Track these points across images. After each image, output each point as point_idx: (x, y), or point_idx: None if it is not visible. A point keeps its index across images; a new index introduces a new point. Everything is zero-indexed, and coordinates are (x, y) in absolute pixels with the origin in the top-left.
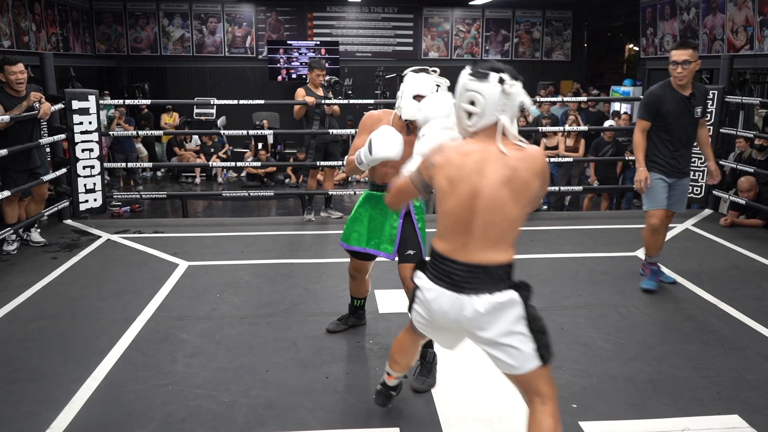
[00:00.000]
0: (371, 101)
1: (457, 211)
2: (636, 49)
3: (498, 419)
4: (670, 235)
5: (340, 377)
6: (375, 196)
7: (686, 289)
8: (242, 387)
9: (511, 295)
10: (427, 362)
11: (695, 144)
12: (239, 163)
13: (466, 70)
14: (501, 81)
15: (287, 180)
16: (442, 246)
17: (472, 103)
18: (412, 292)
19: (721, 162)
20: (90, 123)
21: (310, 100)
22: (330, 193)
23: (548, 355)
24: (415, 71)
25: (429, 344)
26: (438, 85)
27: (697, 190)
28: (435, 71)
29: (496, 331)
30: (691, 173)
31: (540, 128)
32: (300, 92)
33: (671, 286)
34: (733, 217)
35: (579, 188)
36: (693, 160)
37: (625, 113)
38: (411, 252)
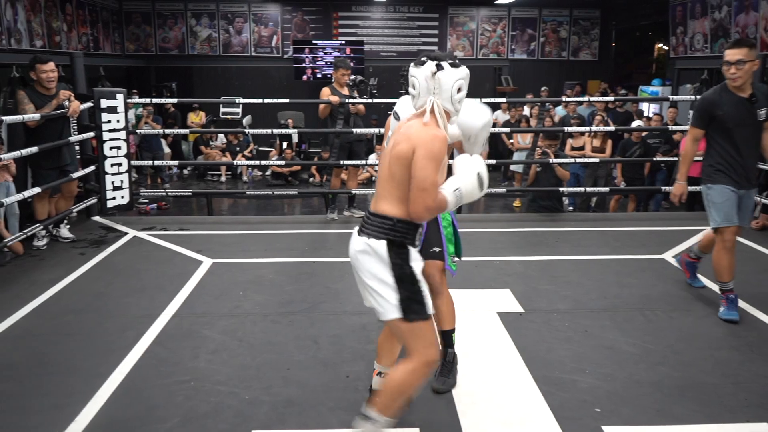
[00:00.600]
0: (395, 100)
1: (379, 170)
2: (665, 48)
3: (519, 422)
4: (699, 237)
5: (361, 376)
6: None
7: (715, 293)
8: (263, 384)
9: (382, 244)
10: (448, 362)
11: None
12: (264, 162)
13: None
14: (438, 67)
15: (311, 179)
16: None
17: (413, 86)
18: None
19: None
20: (118, 121)
21: (335, 99)
22: (353, 192)
23: (410, 312)
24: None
25: (449, 344)
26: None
27: None
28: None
29: (365, 272)
30: None
31: (565, 128)
32: (325, 91)
33: (700, 291)
34: (765, 220)
35: (605, 189)
36: None
37: (656, 114)
38: (436, 249)
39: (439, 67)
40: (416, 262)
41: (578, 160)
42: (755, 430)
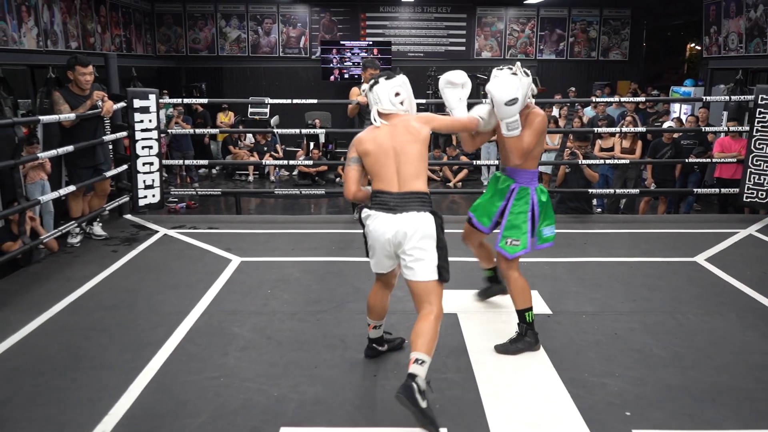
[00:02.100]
0: (423, 101)
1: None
2: (698, 48)
3: (548, 424)
4: (732, 240)
5: (388, 375)
6: (497, 176)
7: (749, 297)
8: (291, 382)
9: (429, 217)
10: (518, 333)
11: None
12: (291, 162)
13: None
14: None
15: (338, 179)
16: None
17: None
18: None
19: None
20: (150, 121)
21: (362, 99)
22: None
23: (441, 276)
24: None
25: (521, 318)
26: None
27: (762, 195)
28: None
29: (412, 242)
30: (758, 177)
31: (595, 129)
32: (354, 91)
33: (733, 294)
34: None
35: (635, 191)
36: (759, 163)
37: (691, 115)
38: (496, 231)
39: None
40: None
41: (607, 162)
42: None
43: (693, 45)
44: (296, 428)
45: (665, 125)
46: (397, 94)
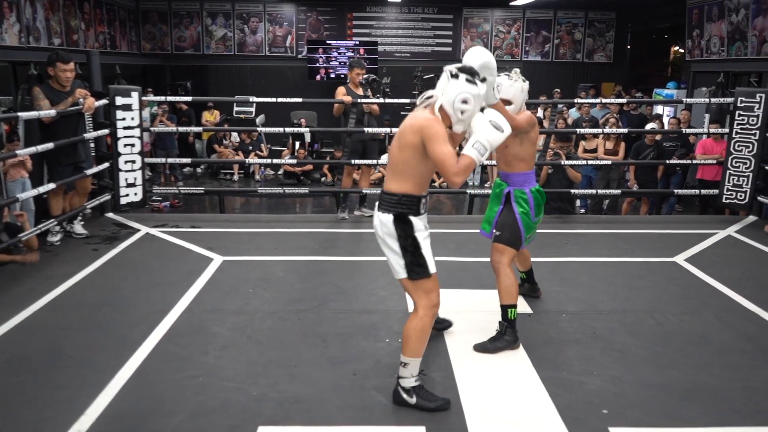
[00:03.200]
0: (407, 101)
1: (389, 155)
2: (681, 51)
3: (526, 422)
4: (711, 241)
5: (368, 375)
6: (497, 182)
7: (727, 296)
8: (271, 381)
9: (389, 218)
10: (498, 332)
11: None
12: (275, 161)
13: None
14: (452, 75)
15: (323, 179)
16: None
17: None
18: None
19: (767, 167)
20: (132, 119)
21: (347, 99)
22: (365, 191)
23: (413, 273)
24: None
25: (503, 315)
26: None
27: (741, 196)
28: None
29: (381, 242)
30: (736, 178)
31: (578, 130)
32: (341, 90)
33: (712, 294)
34: None
35: (617, 191)
36: (737, 165)
37: (673, 117)
38: (497, 233)
39: (453, 76)
40: (420, 232)
41: (590, 162)
42: None
43: (677, 48)
44: (275, 427)
45: (648, 127)
46: (464, 101)
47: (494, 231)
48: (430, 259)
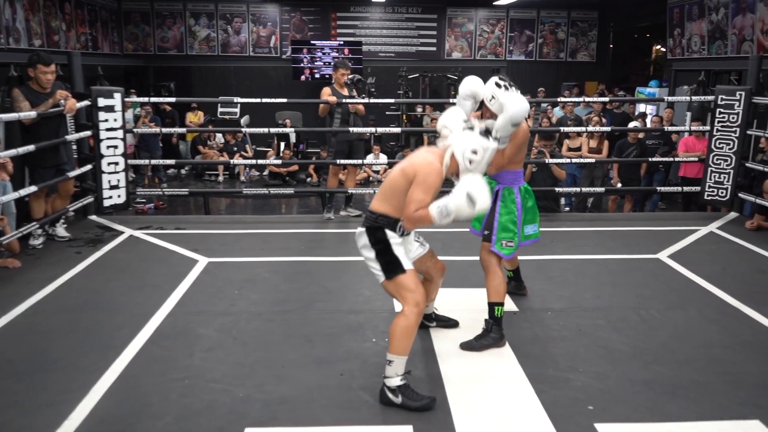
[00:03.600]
0: (392, 100)
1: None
2: (663, 50)
3: (512, 420)
4: (694, 237)
5: (355, 375)
6: (488, 182)
7: (709, 292)
8: (257, 382)
9: (363, 231)
10: (484, 329)
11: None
12: (260, 161)
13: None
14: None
15: (309, 179)
16: None
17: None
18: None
19: (747, 164)
20: (115, 120)
21: (332, 99)
22: (350, 191)
23: (389, 272)
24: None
25: (490, 313)
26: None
27: (722, 193)
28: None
29: (359, 248)
30: (718, 175)
31: (561, 128)
32: (326, 91)
33: (695, 290)
34: (760, 220)
35: (601, 189)
36: (719, 162)
37: (656, 116)
38: (486, 232)
39: (469, 128)
40: (392, 239)
41: (574, 161)
42: (746, 427)
43: (658, 47)
44: (261, 428)
45: (630, 125)
46: (474, 152)
47: (484, 231)
48: (403, 258)
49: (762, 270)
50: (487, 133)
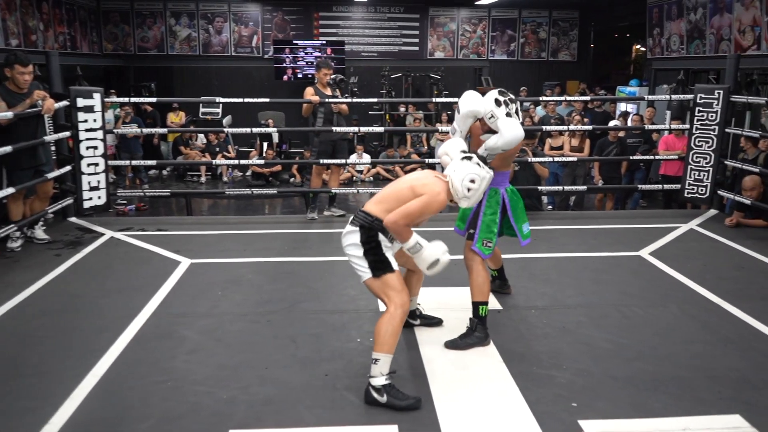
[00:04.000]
0: (375, 100)
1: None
2: (642, 49)
3: (497, 417)
4: (674, 234)
5: (339, 375)
6: None
7: (690, 289)
8: (241, 384)
9: (356, 230)
10: (468, 328)
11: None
12: (243, 162)
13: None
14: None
15: (292, 179)
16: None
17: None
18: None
19: (726, 162)
20: (95, 121)
21: (315, 98)
22: (334, 191)
23: (376, 270)
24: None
25: (474, 312)
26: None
27: (702, 190)
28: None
29: (344, 246)
30: (697, 173)
31: (544, 127)
32: (309, 91)
33: (676, 287)
34: (738, 217)
35: (583, 188)
36: (698, 160)
37: (636, 114)
38: (471, 231)
39: (467, 158)
40: (384, 242)
41: (556, 159)
42: (727, 422)
43: (638, 46)
44: (246, 430)
45: (611, 124)
46: (472, 181)
47: (469, 230)
48: (391, 259)
49: (741, 266)
50: (483, 162)
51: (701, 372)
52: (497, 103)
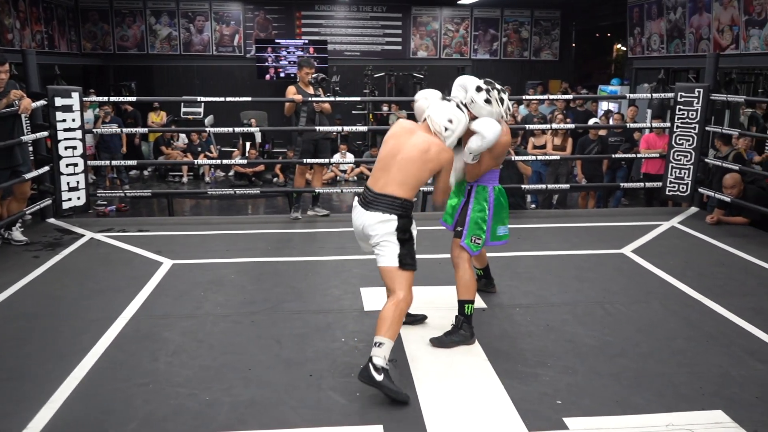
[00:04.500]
0: (359, 99)
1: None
2: (623, 48)
3: (482, 416)
4: (656, 232)
5: (324, 375)
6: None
7: (672, 285)
8: (224, 385)
9: (394, 218)
10: (454, 325)
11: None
12: (225, 161)
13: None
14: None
15: (275, 179)
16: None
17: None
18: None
19: (706, 160)
20: (73, 120)
21: (298, 98)
22: (317, 191)
23: (404, 264)
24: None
25: (460, 310)
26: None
27: (683, 188)
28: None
29: (377, 233)
30: (678, 171)
31: (527, 126)
32: (291, 89)
33: (658, 284)
34: (719, 214)
35: (566, 186)
36: (679, 158)
37: (617, 113)
38: (459, 228)
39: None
40: (414, 230)
41: (539, 158)
42: (710, 417)
43: (619, 46)
44: None
45: (590, 122)
46: (450, 120)
47: (456, 227)
48: (415, 255)
49: (722, 263)
50: (464, 106)
51: (684, 368)
52: (478, 90)
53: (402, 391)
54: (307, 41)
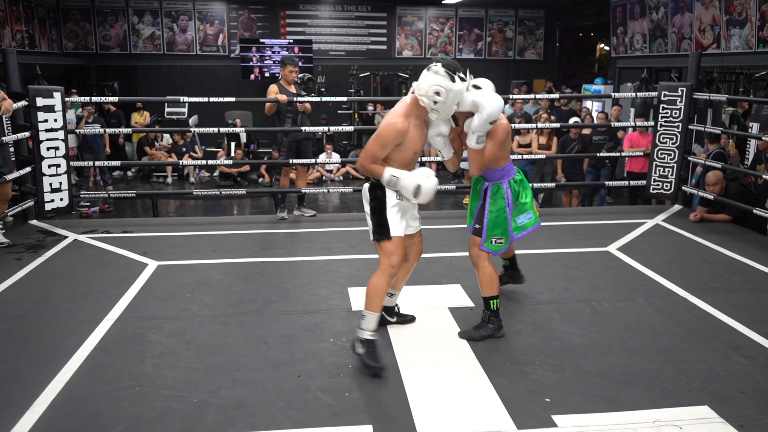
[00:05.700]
0: (344, 98)
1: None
2: (607, 48)
3: (471, 414)
4: (641, 230)
5: (312, 375)
6: (476, 178)
7: (657, 283)
8: (212, 387)
9: (366, 186)
10: (482, 320)
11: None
12: (210, 162)
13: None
14: (428, 68)
15: (261, 179)
16: None
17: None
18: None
19: (690, 158)
20: (55, 121)
21: (282, 98)
22: (303, 191)
23: (376, 234)
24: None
25: (485, 305)
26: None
27: (666, 186)
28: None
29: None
30: (662, 169)
31: (512, 125)
32: (273, 89)
33: (643, 281)
34: (702, 212)
35: (551, 185)
36: (663, 156)
37: (601, 112)
38: (477, 226)
39: (428, 68)
40: (390, 199)
41: (525, 157)
42: (696, 413)
43: (602, 45)
44: None
45: (571, 121)
46: (437, 93)
47: (475, 225)
48: (393, 224)
49: (705, 260)
50: (453, 72)
51: (670, 365)
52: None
53: (380, 365)
54: (291, 41)
